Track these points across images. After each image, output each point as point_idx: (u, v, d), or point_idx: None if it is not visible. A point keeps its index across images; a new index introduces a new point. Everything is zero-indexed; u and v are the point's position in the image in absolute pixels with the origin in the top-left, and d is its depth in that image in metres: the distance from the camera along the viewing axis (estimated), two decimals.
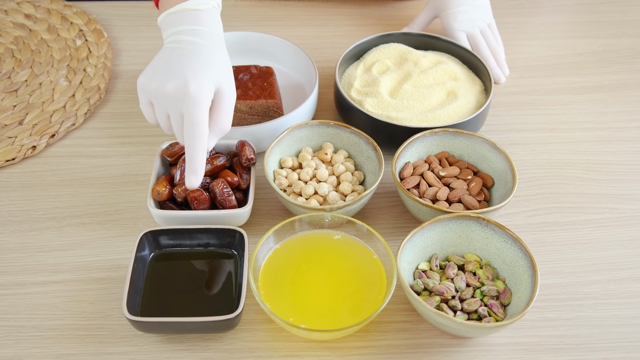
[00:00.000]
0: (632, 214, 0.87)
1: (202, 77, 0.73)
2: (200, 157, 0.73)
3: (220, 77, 0.75)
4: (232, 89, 0.77)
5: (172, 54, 0.76)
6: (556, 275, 0.80)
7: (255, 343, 0.73)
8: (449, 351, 0.73)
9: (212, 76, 0.74)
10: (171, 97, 0.73)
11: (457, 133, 0.88)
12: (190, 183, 0.73)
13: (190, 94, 0.72)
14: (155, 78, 0.74)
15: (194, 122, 0.72)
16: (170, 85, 0.73)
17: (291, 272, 0.75)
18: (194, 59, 0.75)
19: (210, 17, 0.78)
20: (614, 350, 0.73)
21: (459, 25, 1.05)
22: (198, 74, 0.73)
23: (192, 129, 0.72)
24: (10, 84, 1.02)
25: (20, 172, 0.91)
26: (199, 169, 0.73)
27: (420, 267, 0.77)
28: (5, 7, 1.15)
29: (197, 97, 0.72)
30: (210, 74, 0.74)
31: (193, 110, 0.72)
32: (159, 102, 0.75)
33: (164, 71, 0.74)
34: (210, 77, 0.74)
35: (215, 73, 0.75)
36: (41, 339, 0.73)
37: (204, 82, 0.73)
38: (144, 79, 0.75)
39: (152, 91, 0.75)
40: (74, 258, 0.81)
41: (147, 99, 0.76)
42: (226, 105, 0.76)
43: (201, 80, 0.73)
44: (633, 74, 1.09)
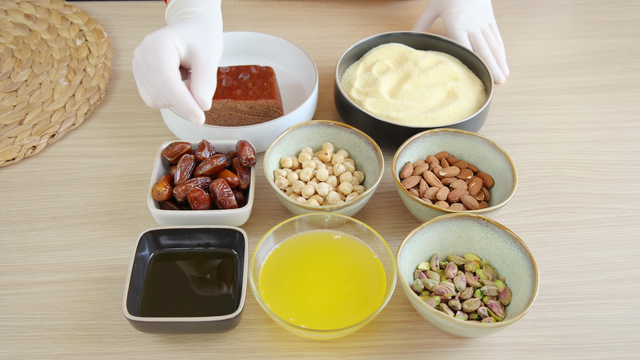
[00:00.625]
0: (632, 214, 0.87)
1: (160, 30, 0.72)
2: (182, 98, 0.70)
3: (191, 34, 0.73)
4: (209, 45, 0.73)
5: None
6: (556, 275, 0.80)
7: (255, 343, 0.73)
8: (449, 351, 0.73)
9: (176, 30, 0.72)
10: (138, 59, 0.72)
11: (457, 133, 0.88)
12: (195, 123, 0.72)
13: (147, 43, 0.71)
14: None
15: (157, 68, 0.70)
16: (136, 50, 0.73)
17: (291, 272, 0.75)
18: (166, 27, 0.74)
19: (202, 1, 0.78)
20: (614, 350, 0.73)
21: (461, 25, 1.05)
22: (162, 30, 0.72)
23: (157, 77, 0.70)
24: (10, 84, 1.02)
25: (20, 172, 0.91)
26: (192, 108, 0.71)
27: (420, 267, 0.77)
28: (5, 7, 1.15)
29: (153, 44, 0.70)
30: (174, 29, 0.72)
31: (153, 56, 0.70)
32: (138, 74, 0.74)
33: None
34: (172, 31, 0.72)
35: (183, 29, 0.73)
36: (41, 339, 0.73)
37: (162, 32, 0.71)
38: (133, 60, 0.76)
39: (133, 67, 0.74)
40: (74, 258, 0.81)
41: (137, 79, 0.75)
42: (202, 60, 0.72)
43: (159, 31, 0.71)
44: (633, 74, 1.09)
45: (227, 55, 1.05)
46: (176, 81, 0.71)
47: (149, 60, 0.71)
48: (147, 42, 0.71)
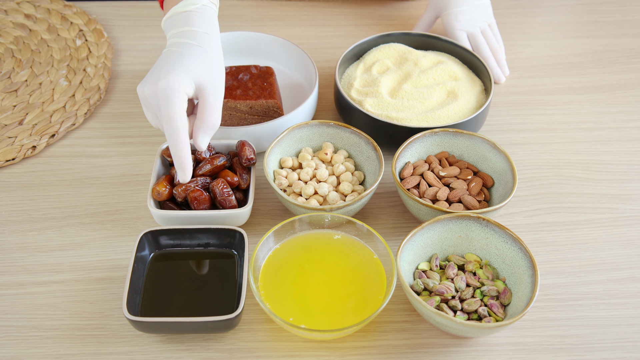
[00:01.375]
0: (632, 214, 0.87)
1: (172, 73, 0.73)
2: (182, 153, 0.73)
3: (198, 72, 0.75)
4: (214, 84, 0.76)
5: (160, 59, 0.77)
6: (556, 275, 0.80)
7: (255, 343, 0.73)
8: (449, 351, 0.73)
9: (186, 72, 0.74)
10: (149, 100, 0.75)
11: (457, 133, 0.88)
12: (181, 178, 0.74)
13: (160, 91, 0.73)
14: (142, 84, 0.76)
15: (167, 119, 0.73)
16: (146, 88, 0.75)
17: (291, 272, 0.75)
18: (172, 59, 0.75)
19: (199, 17, 0.79)
20: (614, 350, 0.73)
21: (460, 25, 1.05)
22: (169, 71, 0.74)
23: (167, 126, 0.73)
24: (10, 84, 1.02)
25: (20, 172, 0.91)
26: (185, 164, 0.73)
27: (420, 267, 0.77)
28: (5, 7, 1.15)
29: (167, 93, 0.72)
30: (184, 70, 0.74)
31: (164, 107, 0.73)
32: (145, 107, 0.77)
33: (147, 77, 0.76)
34: (183, 73, 0.74)
35: (191, 69, 0.75)
36: (41, 339, 0.73)
37: (175, 78, 0.73)
38: (139, 87, 0.77)
39: (140, 98, 0.77)
40: (74, 258, 0.81)
41: (144, 105, 0.78)
42: (210, 100, 0.75)
43: (171, 76, 0.73)
44: (633, 74, 1.09)
45: (227, 55, 1.05)
46: (182, 134, 0.73)
47: (160, 106, 0.74)
48: (161, 88, 0.73)
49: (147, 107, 0.77)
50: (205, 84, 0.75)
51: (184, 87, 0.74)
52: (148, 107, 0.77)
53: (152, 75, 0.75)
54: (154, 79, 0.74)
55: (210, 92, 0.75)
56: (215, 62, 0.78)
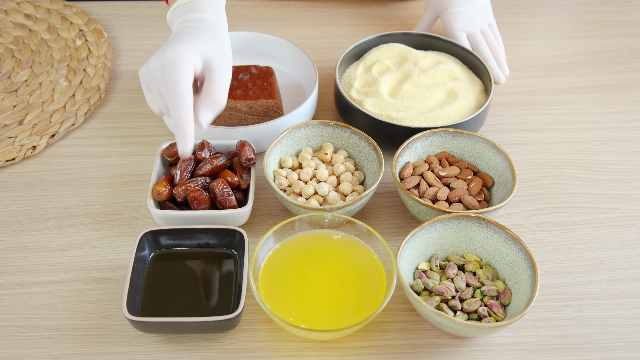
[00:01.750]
0: (632, 214, 0.87)
1: (180, 44, 0.72)
2: (185, 121, 0.70)
3: (207, 47, 0.73)
4: (222, 62, 0.74)
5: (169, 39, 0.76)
6: (556, 275, 0.80)
7: (255, 343, 0.73)
8: (449, 351, 0.73)
9: (194, 44, 0.72)
10: (154, 71, 0.72)
11: (457, 133, 0.88)
12: (181, 149, 0.71)
13: (167, 58, 0.71)
14: (147, 62, 0.74)
15: (173, 85, 0.70)
16: (151, 61, 0.73)
17: (291, 272, 0.75)
18: (181, 35, 0.74)
19: (206, 6, 0.78)
20: (614, 350, 0.73)
21: (460, 25, 1.05)
22: (178, 43, 0.72)
23: (172, 92, 0.70)
24: (10, 84, 1.02)
25: (20, 172, 0.91)
26: (186, 132, 0.70)
27: (420, 267, 0.77)
28: (5, 7, 1.15)
29: (174, 60, 0.70)
30: (192, 42, 0.72)
31: (170, 73, 0.70)
32: (149, 83, 0.74)
33: (156, 53, 0.74)
34: (191, 45, 0.72)
35: (199, 42, 0.73)
36: (41, 339, 0.73)
37: (182, 47, 0.71)
38: (142, 67, 0.75)
39: (144, 73, 0.74)
40: (74, 258, 0.81)
41: (146, 86, 0.75)
42: (217, 76, 0.73)
43: (179, 46, 0.71)
44: (633, 74, 1.09)
45: None
46: (187, 101, 0.70)
47: (166, 74, 0.71)
48: (168, 56, 0.71)
49: (150, 86, 0.74)
50: (213, 60, 0.73)
51: (191, 57, 0.71)
52: (150, 85, 0.74)
53: (158, 51, 0.73)
54: (160, 52, 0.72)
55: (217, 68, 0.73)
56: (224, 43, 0.76)
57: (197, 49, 0.72)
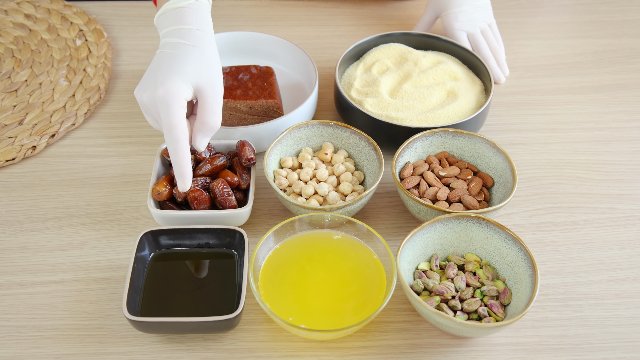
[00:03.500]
0: (632, 214, 0.87)
1: (170, 79, 0.72)
2: (183, 161, 0.73)
3: (196, 75, 0.74)
4: (213, 85, 0.75)
5: (156, 60, 0.76)
6: (556, 275, 0.80)
7: (255, 343, 0.73)
8: (449, 351, 0.73)
9: (184, 76, 0.73)
10: (149, 107, 0.74)
11: (457, 133, 0.88)
12: (180, 187, 0.75)
13: (159, 98, 0.72)
14: (139, 89, 0.75)
15: (168, 127, 0.72)
16: (145, 95, 0.74)
17: (291, 272, 0.75)
18: (168, 62, 0.74)
19: (193, 13, 0.77)
20: (614, 350, 0.73)
21: (460, 25, 1.05)
22: (167, 76, 0.73)
23: (168, 134, 0.72)
24: (10, 84, 1.02)
25: (20, 172, 0.91)
26: (185, 173, 0.73)
27: (420, 267, 0.77)
28: (5, 7, 1.15)
29: (166, 101, 0.72)
30: (181, 75, 0.73)
31: (164, 115, 0.72)
32: (145, 112, 0.77)
33: (144, 81, 0.75)
34: (181, 78, 0.73)
35: (188, 72, 0.74)
36: (41, 339, 0.73)
37: (174, 84, 0.72)
38: (136, 91, 0.76)
39: (139, 103, 0.76)
40: (74, 258, 0.81)
41: (143, 109, 0.77)
42: (209, 102, 0.74)
43: (169, 83, 0.72)
44: (633, 74, 1.09)
45: (227, 55, 1.05)
46: (183, 142, 0.73)
47: (160, 113, 0.73)
48: (160, 96, 0.72)
49: (147, 112, 0.77)
50: (204, 86, 0.74)
51: (182, 93, 0.73)
52: (147, 112, 0.77)
53: (149, 80, 0.74)
54: (151, 85, 0.73)
55: (209, 93, 0.75)
56: (212, 62, 0.76)
57: (187, 81, 0.73)
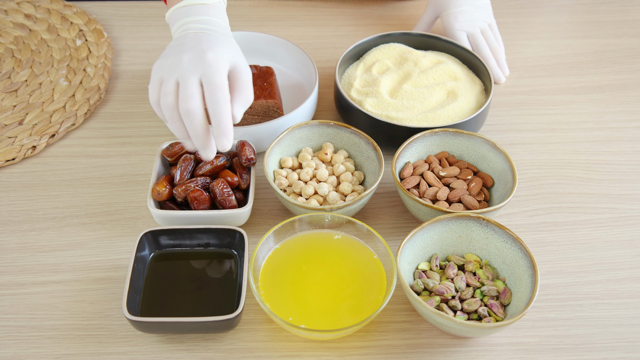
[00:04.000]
0: (632, 214, 0.87)
1: (218, 49, 0.75)
2: (227, 119, 0.73)
3: (234, 54, 0.77)
4: (247, 65, 0.78)
5: (186, 39, 0.77)
6: (556, 275, 0.80)
7: (255, 343, 0.73)
8: (449, 351, 0.73)
9: (227, 50, 0.76)
10: (187, 64, 0.74)
11: (457, 133, 0.88)
12: (222, 146, 0.73)
13: (208, 60, 0.74)
14: (171, 54, 0.76)
15: (216, 86, 0.73)
16: (186, 55, 0.74)
17: (291, 272, 0.75)
18: (208, 40, 0.77)
19: (216, 11, 0.81)
20: (614, 350, 0.73)
21: (460, 25, 1.05)
22: (214, 48, 0.75)
23: (215, 93, 0.73)
24: (10, 84, 1.02)
25: (20, 172, 0.91)
26: (228, 131, 0.73)
27: (420, 267, 0.77)
28: (5, 7, 1.15)
29: (216, 63, 0.74)
30: (225, 49, 0.76)
31: (213, 75, 0.73)
32: (171, 72, 0.74)
33: (180, 49, 0.76)
34: (225, 51, 0.76)
35: (229, 49, 0.77)
36: (41, 339, 0.73)
37: (220, 52, 0.75)
38: (159, 61, 0.76)
39: (167, 65, 0.75)
40: (74, 258, 0.81)
41: (159, 78, 0.75)
42: (245, 76, 0.77)
43: (217, 51, 0.75)
44: (633, 74, 1.09)
45: None
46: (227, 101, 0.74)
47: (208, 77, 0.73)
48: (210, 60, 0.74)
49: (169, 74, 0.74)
50: (240, 63, 0.77)
51: (227, 62, 0.75)
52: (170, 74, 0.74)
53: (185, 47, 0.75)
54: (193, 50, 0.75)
55: (244, 69, 0.77)
56: (239, 48, 0.80)
57: (229, 55, 0.76)
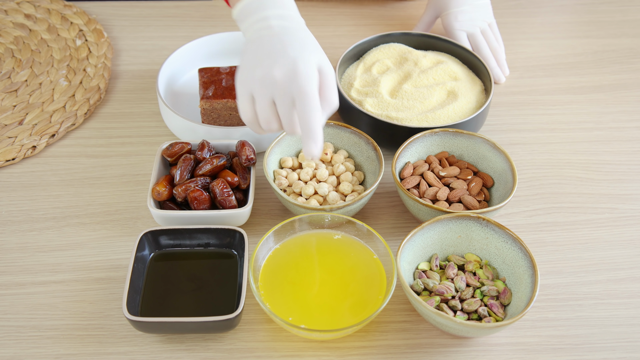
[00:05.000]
0: (632, 214, 0.87)
1: (308, 57, 0.73)
2: (319, 127, 0.71)
3: (320, 56, 0.75)
4: (330, 66, 0.76)
5: (267, 40, 0.74)
6: (556, 275, 0.80)
7: (255, 343, 0.73)
8: (449, 351, 0.73)
9: (314, 55, 0.74)
10: (280, 81, 0.71)
11: (457, 133, 0.88)
12: (310, 151, 0.71)
13: (301, 73, 0.71)
14: (259, 66, 0.72)
15: (308, 97, 0.70)
16: (277, 70, 0.71)
17: (291, 272, 0.75)
18: (293, 42, 0.74)
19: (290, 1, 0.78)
20: (614, 350, 0.73)
21: (460, 25, 1.05)
22: (303, 54, 0.72)
23: (307, 102, 0.70)
24: (10, 84, 1.02)
25: (20, 172, 0.91)
26: (319, 137, 0.71)
27: (420, 267, 0.77)
28: (5, 7, 1.15)
29: (308, 74, 0.71)
30: (313, 54, 0.74)
31: (306, 87, 0.71)
32: (265, 89, 0.72)
33: (267, 58, 0.73)
34: (313, 56, 0.73)
35: (315, 52, 0.74)
36: (41, 339, 0.73)
37: (311, 61, 0.72)
38: (245, 72, 0.74)
39: (257, 80, 0.72)
40: (74, 258, 0.81)
41: (249, 92, 0.74)
42: (331, 81, 0.75)
43: (308, 60, 0.72)
44: (633, 74, 1.09)
45: (227, 55, 1.05)
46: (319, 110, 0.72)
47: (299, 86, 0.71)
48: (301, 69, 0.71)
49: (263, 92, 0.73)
50: (325, 65, 0.75)
51: (317, 70, 0.73)
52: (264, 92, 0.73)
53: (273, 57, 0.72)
54: (282, 61, 0.72)
55: (329, 72, 0.75)
56: (319, 46, 0.77)
57: (317, 60, 0.74)
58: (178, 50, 1.01)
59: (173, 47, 1.07)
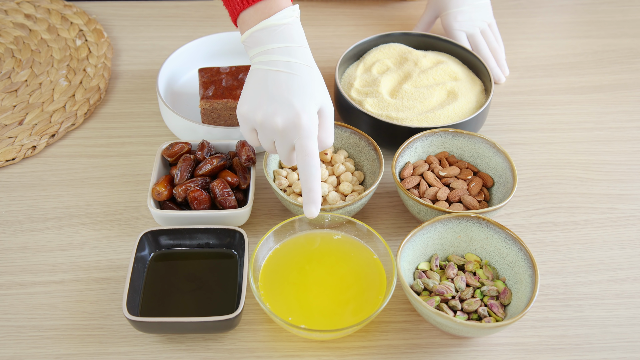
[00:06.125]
0: (632, 214, 0.87)
1: (309, 106, 0.72)
2: (317, 187, 0.72)
3: (322, 97, 0.74)
4: (331, 106, 0.76)
5: (271, 79, 0.73)
6: (556, 275, 0.80)
7: (255, 343, 0.73)
8: (449, 351, 0.73)
9: (317, 100, 0.73)
10: (281, 130, 0.72)
11: (457, 133, 0.88)
12: (310, 213, 0.72)
13: (303, 126, 0.71)
14: (260, 108, 0.73)
15: (308, 154, 0.72)
16: (279, 118, 0.72)
17: (291, 272, 0.75)
18: (297, 85, 0.73)
19: (296, 30, 0.75)
20: (614, 350, 0.73)
21: (459, 26, 1.05)
22: (305, 102, 0.72)
23: (307, 161, 0.72)
24: (10, 84, 1.02)
25: (20, 172, 0.91)
26: (317, 199, 0.72)
27: (420, 267, 0.77)
28: (5, 7, 1.15)
29: (309, 128, 0.72)
30: (315, 99, 0.73)
31: (306, 142, 0.72)
32: (266, 133, 0.74)
33: (269, 101, 0.72)
34: (315, 103, 0.73)
35: (318, 95, 0.74)
36: (41, 339, 0.73)
37: (313, 111, 0.73)
38: (246, 108, 0.74)
39: (259, 122, 0.73)
40: (74, 258, 0.81)
41: (251, 127, 0.75)
42: (329, 123, 0.76)
43: (310, 110, 0.72)
44: (633, 74, 1.09)
45: (227, 55, 1.05)
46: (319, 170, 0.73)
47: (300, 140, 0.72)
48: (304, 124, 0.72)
49: (265, 134, 0.74)
50: (326, 107, 0.75)
51: (316, 113, 0.73)
52: (265, 134, 0.74)
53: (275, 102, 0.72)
54: (285, 109, 0.72)
55: (328, 114, 0.75)
56: (323, 81, 0.76)
57: (317, 104, 0.74)
58: (178, 50, 1.01)
59: (173, 47, 1.07)
